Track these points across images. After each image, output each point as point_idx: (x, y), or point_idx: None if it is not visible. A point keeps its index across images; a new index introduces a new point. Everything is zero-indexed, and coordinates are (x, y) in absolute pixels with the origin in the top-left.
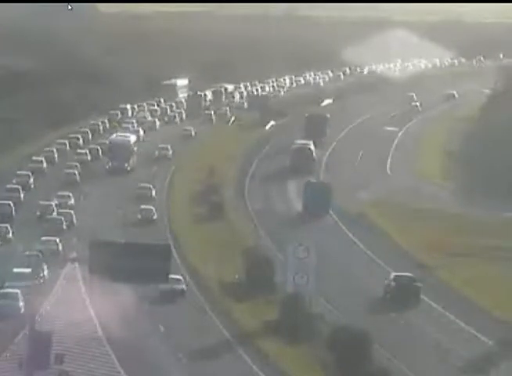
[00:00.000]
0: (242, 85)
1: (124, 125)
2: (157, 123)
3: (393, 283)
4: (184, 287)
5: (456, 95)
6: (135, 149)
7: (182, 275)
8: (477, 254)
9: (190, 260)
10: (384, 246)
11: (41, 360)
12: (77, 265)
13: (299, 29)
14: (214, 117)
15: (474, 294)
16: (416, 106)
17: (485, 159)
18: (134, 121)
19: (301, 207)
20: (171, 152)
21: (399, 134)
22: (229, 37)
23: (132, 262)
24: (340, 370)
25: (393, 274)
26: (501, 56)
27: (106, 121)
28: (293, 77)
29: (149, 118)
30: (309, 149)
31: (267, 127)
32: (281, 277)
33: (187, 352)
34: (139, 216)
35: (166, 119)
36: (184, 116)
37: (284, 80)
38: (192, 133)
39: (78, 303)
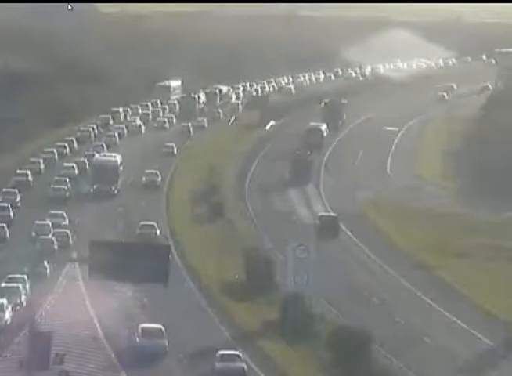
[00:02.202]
0: (241, 85)
1: (109, 133)
2: (143, 128)
3: (318, 221)
4: (244, 365)
5: (491, 87)
6: (121, 169)
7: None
8: (477, 254)
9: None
10: (384, 246)
11: (41, 360)
12: (77, 265)
13: (299, 29)
14: (206, 122)
15: (473, 293)
16: (444, 96)
17: (485, 159)
18: (124, 126)
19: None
20: (159, 178)
21: (399, 134)
22: (229, 38)
23: (132, 262)
24: (340, 369)
25: (319, 214)
26: (483, 57)
27: (95, 126)
28: (291, 78)
29: (139, 123)
30: (320, 130)
31: (267, 127)
32: (281, 277)
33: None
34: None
35: (155, 125)
36: (174, 121)
37: (283, 80)
38: (174, 151)
39: (78, 303)
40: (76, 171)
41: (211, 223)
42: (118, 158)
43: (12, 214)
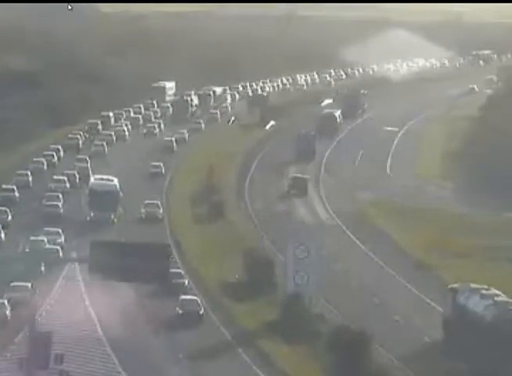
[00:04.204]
0: (240, 86)
1: (97, 142)
2: (132, 135)
3: (291, 182)
4: None
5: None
6: (121, 194)
7: None
8: (477, 254)
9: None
10: (383, 245)
11: (41, 360)
12: (77, 265)
13: (299, 29)
14: (186, 131)
15: None
16: (473, 89)
17: (485, 159)
18: (113, 133)
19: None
20: (161, 210)
21: (399, 134)
22: (229, 37)
23: (132, 261)
24: (340, 370)
25: (291, 175)
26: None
27: (83, 133)
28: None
29: (126, 130)
30: (334, 115)
31: (267, 127)
32: (281, 277)
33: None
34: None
35: (145, 131)
36: (167, 126)
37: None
38: (163, 171)
39: (78, 303)
40: (67, 185)
41: (213, 223)
42: (116, 181)
43: (3, 235)
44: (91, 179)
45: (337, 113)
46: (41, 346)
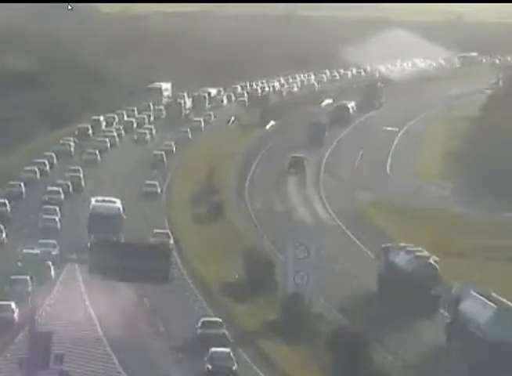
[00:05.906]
0: (239, 86)
1: (89, 150)
2: (125, 140)
3: (290, 161)
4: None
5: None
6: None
7: None
8: (477, 254)
9: None
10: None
11: (41, 360)
12: (76, 265)
13: (299, 29)
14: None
15: None
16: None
17: (485, 159)
18: (106, 139)
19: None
20: (171, 240)
21: (399, 134)
22: (229, 37)
23: (132, 262)
24: (340, 370)
25: (290, 155)
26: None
27: (73, 138)
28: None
29: (117, 134)
30: (347, 107)
31: (267, 127)
32: (281, 277)
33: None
34: None
35: (136, 137)
36: (158, 132)
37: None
38: (158, 190)
39: (78, 303)
40: (62, 196)
41: (213, 223)
42: (119, 204)
43: None
44: (92, 201)
45: (351, 104)
46: (41, 346)
